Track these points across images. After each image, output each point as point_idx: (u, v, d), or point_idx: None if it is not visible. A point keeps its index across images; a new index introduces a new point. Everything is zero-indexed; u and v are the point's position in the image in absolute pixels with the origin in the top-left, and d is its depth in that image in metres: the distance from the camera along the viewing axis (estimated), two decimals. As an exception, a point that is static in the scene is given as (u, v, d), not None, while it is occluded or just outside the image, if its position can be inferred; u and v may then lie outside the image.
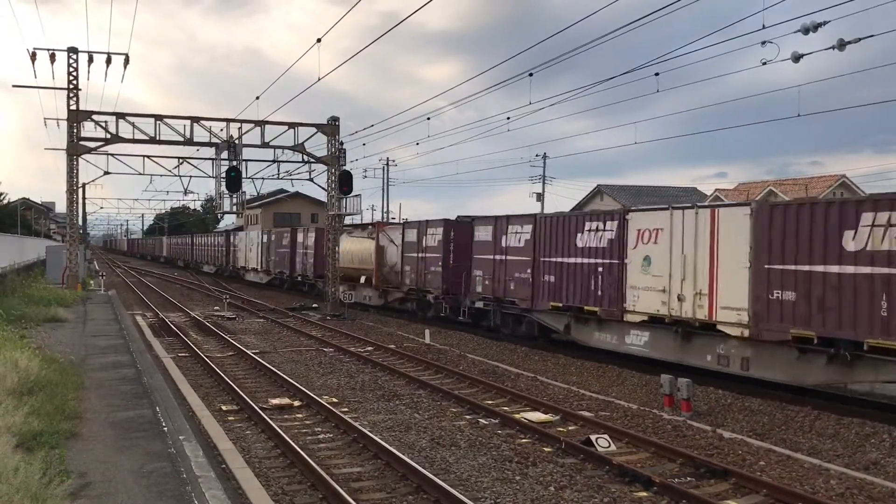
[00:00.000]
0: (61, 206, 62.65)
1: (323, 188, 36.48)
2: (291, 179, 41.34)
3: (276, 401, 14.40)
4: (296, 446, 10.72)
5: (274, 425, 11.97)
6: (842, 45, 14.79)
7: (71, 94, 32.74)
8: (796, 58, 15.72)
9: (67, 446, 9.05)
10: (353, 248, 35.69)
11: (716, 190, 54.22)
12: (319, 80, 23.31)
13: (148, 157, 38.11)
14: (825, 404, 14.22)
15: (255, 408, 13.28)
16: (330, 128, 34.55)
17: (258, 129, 33.60)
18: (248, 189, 48.72)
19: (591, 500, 9.12)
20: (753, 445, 11.69)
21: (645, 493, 9.43)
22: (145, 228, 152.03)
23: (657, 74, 20.69)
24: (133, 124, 32.23)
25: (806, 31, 14.79)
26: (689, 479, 10.11)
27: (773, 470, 10.48)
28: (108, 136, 32.41)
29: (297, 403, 14.34)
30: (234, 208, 33.40)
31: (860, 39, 14.40)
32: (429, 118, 32.22)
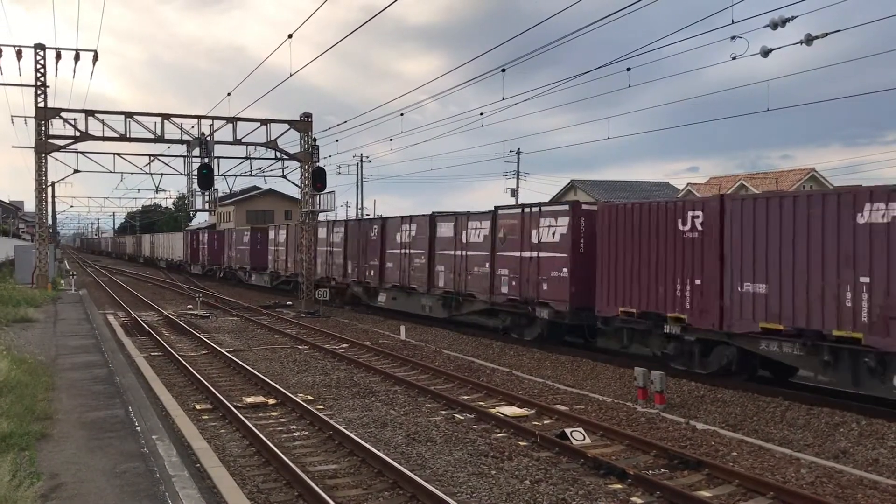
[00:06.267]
0: (30, 205, 61.78)
1: (296, 185, 36.28)
2: (264, 176, 41.16)
3: (250, 399, 14.33)
4: (271, 444, 10.66)
5: (249, 424, 11.90)
6: (809, 39, 14.95)
7: (39, 92, 32.26)
8: (765, 53, 15.86)
9: (38, 448, 8.93)
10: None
11: (688, 184, 54.67)
12: (291, 75, 23.18)
13: (118, 154, 37.72)
14: (796, 394, 14.44)
15: (230, 406, 13.20)
16: (303, 124, 34.33)
17: (230, 125, 33.33)
18: (221, 186, 48.41)
19: (566, 493, 9.17)
20: (726, 436, 11.84)
21: (619, 486, 9.51)
22: (117, 227, 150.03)
23: (629, 69, 20.86)
24: (103, 122, 31.81)
25: (774, 25, 14.93)
26: (662, 470, 10.21)
27: (745, 460, 10.62)
28: (78, 133, 31.95)
29: (271, 401, 14.27)
30: (207, 206, 33.16)
31: (827, 34, 14.57)
32: (402, 114, 32.12)
